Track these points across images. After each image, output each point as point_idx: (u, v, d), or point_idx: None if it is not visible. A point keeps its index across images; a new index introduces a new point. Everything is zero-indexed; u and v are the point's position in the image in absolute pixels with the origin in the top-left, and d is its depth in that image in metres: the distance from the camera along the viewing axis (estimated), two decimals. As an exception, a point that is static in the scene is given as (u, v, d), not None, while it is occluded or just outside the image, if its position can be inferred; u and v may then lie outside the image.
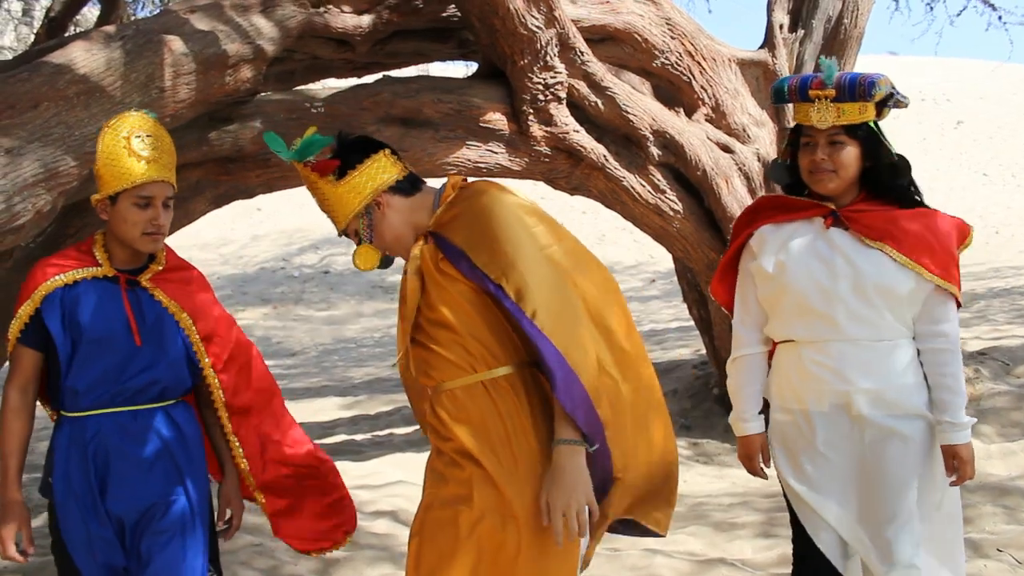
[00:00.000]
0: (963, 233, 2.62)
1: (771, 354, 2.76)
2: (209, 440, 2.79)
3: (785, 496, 2.70)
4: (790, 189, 2.74)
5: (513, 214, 2.22)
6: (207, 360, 2.67)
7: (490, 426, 2.20)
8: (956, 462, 2.53)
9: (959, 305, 2.58)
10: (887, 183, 2.59)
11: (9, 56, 9.32)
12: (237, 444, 2.74)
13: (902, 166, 2.60)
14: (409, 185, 2.34)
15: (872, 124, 2.58)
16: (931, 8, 10.14)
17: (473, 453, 2.20)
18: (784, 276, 2.59)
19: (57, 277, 2.52)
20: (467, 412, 2.22)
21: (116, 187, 2.52)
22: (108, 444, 2.52)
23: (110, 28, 4.16)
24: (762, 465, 2.74)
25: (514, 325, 2.20)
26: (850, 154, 2.56)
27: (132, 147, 2.51)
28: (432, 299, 2.24)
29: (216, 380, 2.68)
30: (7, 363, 2.66)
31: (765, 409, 2.75)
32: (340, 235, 2.37)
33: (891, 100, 2.62)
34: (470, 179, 2.40)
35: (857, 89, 2.51)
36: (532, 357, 2.23)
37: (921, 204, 2.62)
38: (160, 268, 2.64)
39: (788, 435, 2.64)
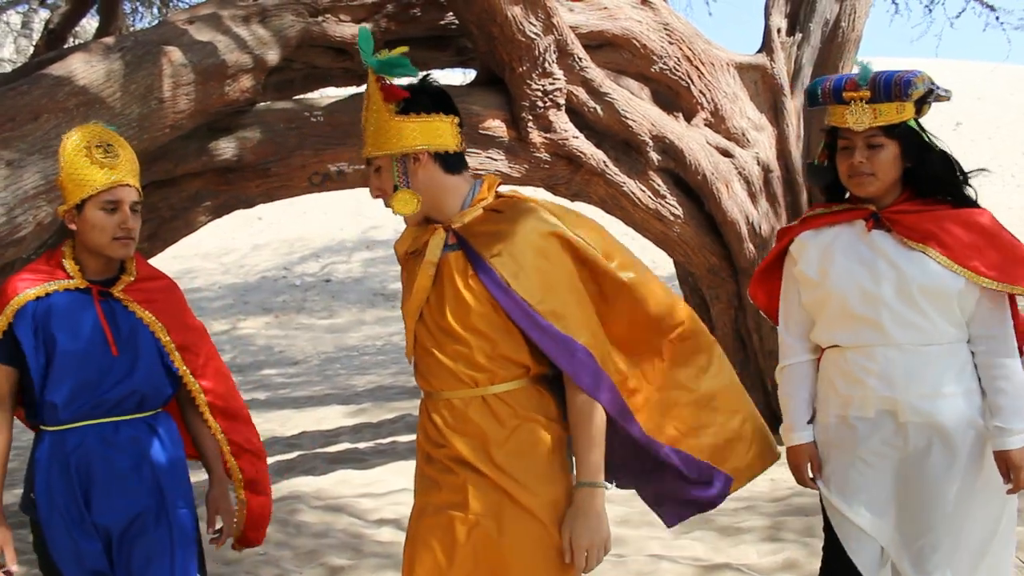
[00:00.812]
0: None
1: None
2: (195, 446, 2.78)
3: (821, 502, 2.65)
4: (829, 191, 2.65)
5: (551, 244, 2.21)
6: (184, 368, 2.66)
7: (491, 435, 2.18)
8: (1009, 469, 2.41)
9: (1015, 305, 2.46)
10: (931, 182, 2.48)
11: (8, 68, 9.34)
12: (227, 447, 2.74)
13: (946, 164, 2.49)
14: (455, 163, 2.24)
15: (912, 122, 2.47)
16: (930, 10, 10.14)
17: (470, 460, 2.17)
18: (826, 281, 2.52)
19: (28, 291, 2.51)
20: (465, 422, 2.20)
21: (81, 195, 2.51)
22: (90, 456, 2.51)
23: (109, 40, 4.17)
24: (812, 475, 2.64)
25: (546, 352, 2.18)
26: (889, 155, 2.46)
27: (93, 155, 2.51)
28: (444, 305, 2.20)
29: (197, 385, 2.68)
30: None
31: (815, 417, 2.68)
32: (363, 158, 2.28)
33: (931, 96, 2.52)
34: (505, 189, 2.35)
35: (893, 89, 2.41)
36: (539, 373, 2.23)
37: (973, 202, 2.52)
38: (132, 279, 2.62)
39: (831, 441, 2.58)
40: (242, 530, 2.80)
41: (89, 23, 9.42)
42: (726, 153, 5.68)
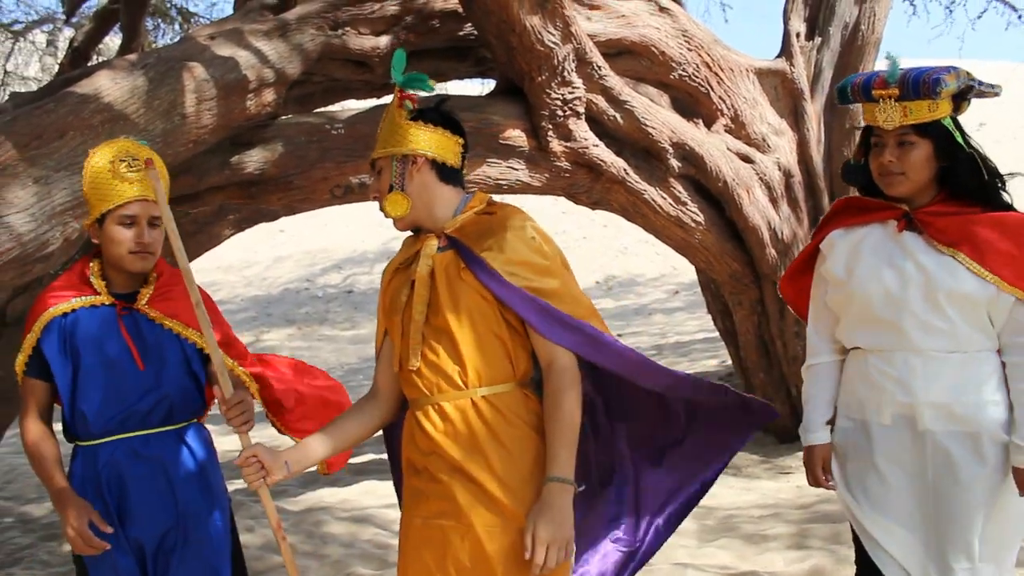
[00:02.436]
0: None
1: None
2: None
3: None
4: (865, 191, 2.60)
5: (541, 243, 2.31)
6: (235, 364, 2.69)
7: (480, 439, 2.20)
8: None
9: None
10: (965, 183, 2.41)
11: (34, 87, 9.46)
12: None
13: (981, 164, 2.41)
14: (451, 175, 2.34)
15: (947, 120, 2.41)
16: (951, 11, 10.08)
17: (461, 465, 2.19)
18: (852, 281, 2.48)
19: (53, 308, 2.55)
20: (454, 425, 2.22)
21: (101, 209, 2.55)
22: (122, 470, 2.54)
23: (132, 57, 4.22)
24: (825, 477, 2.62)
25: (524, 339, 2.26)
26: (920, 155, 2.40)
27: (117, 169, 2.54)
28: (440, 305, 2.25)
29: (248, 376, 2.72)
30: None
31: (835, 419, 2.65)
32: (370, 162, 2.39)
33: (971, 92, 2.46)
34: (497, 199, 2.43)
35: (922, 87, 2.35)
36: (526, 377, 2.28)
37: (1009, 206, 2.43)
38: (152, 290, 2.64)
39: (848, 446, 2.55)
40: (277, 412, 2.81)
41: (112, 40, 9.52)
42: (746, 159, 5.67)
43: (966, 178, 2.42)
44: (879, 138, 2.46)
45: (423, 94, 2.38)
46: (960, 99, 2.45)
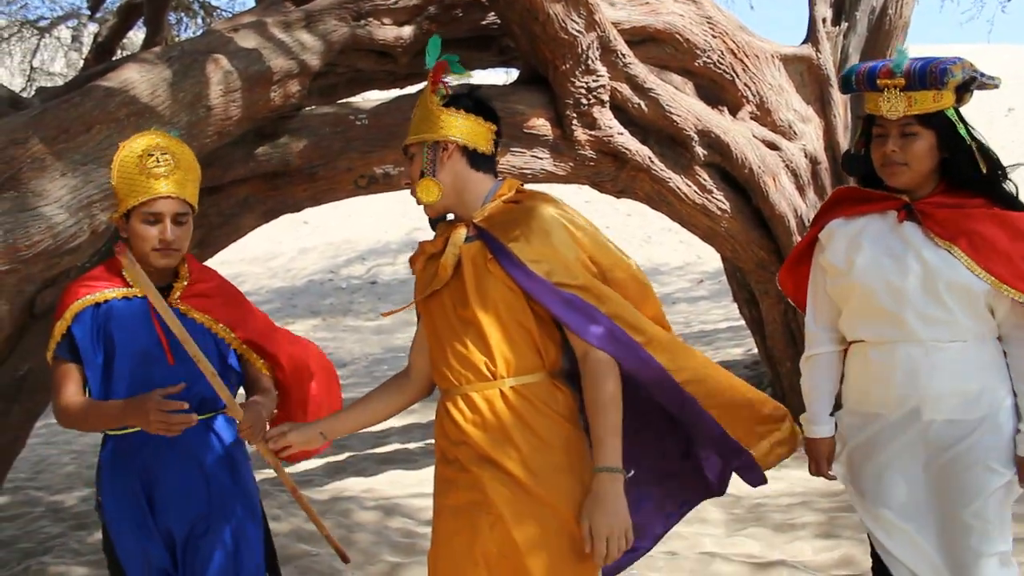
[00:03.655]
0: None
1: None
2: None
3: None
4: (866, 181, 2.58)
5: (568, 232, 2.28)
6: (260, 362, 2.71)
7: (510, 428, 2.19)
8: None
9: None
10: (966, 174, 2.40)
11: (60, 82, 9.54)
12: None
13: (983, 156, 2.40)
14: (482, 162, 2.32)
15: (951, 111, 2.40)
16: (979, -6, 9.92)
17: (491, 455, 2.18)
18: (852, 272, 2.47)
19: (87, 297, 2.56)
20: (484, 416, 2.21)
21: (127, 204, 2.55)
22: (152, 459, 2.55)
23: (157, 50, 4.25)
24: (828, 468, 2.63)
25: (553, 330, 2.23)
26: (923, 145, 2.39)
27: (145, 164, 2.53)
28: (466, 295, 2.24)
29: (271, 374, 2.73)
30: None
31: (837, 410, 2.64)
32: (403, 149, 2.39)
33: (973, 84, 2.44)
34: (527, 187, 2.41)
35: (928, 77, 2.34)
36: (555, 368, 2.26)
37: (1012, 197, 2.43)
38: (185, 283, 2.65)
39: (853, 440, 2.54)
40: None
41: (136, 35, 9.59)
42: (773, 146, 5.62)
43: (967, 170, 2.41)
44: (882, 128, 2.45)
45: (455, 80, 2.36)
46: (963, 90, 2.44)
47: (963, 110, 2.49)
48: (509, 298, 2.22)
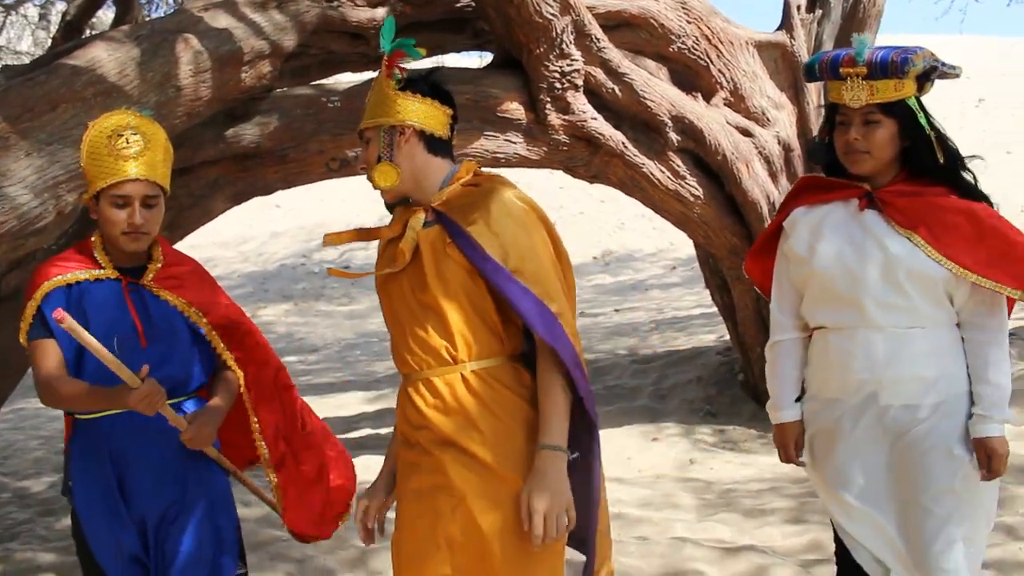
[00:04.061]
0: None
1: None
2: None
3: None
4: (830, 169, 2.63)
5: (527, 215, 2.26)
6: (226, 351, 2.67)
7: (472, 412, 2.19)
8: (988, 456, 2.40)
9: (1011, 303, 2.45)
10: (925, 163, 2.46)
11: (27, 60, 9.37)
12: (258, 428, 2.74)
13: (942, 147, 2.45)
14: (439, 146, 2.32)
15: (912, 100, 2.45)
16: (952, -16, 10.00)
17: (454, 438, 2.18)
18: (813, 259, 2.51)
19: (58, 277, 2.51)
20: (444, 400, 2.21)
21: (96, 187, 2.50)
22: (124, 444, 2.51)
23: (126, 28, 4.18)
24: (796, 454, 2.65)
25: (513, 314, 2.20)
26: (885, 133, 2.44)
27: (114, 145, 2.48)
28: (427, 280, 2.23)
29: (235, 365, 2.68)
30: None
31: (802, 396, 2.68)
32: (357, 133, 2.36)
33: (935, 73, 2.49)
34: (484, 170, 2.40)
35: (890, 66, 2.38)
36: (515, 351, 2.25)
37: (975, 190, 2.48)
38: (159, 266, 2.61)
39: (815, 426, 2.59)
40: (284, 512, 2.80)
41: (105, 14, 9.43)
42: (746, 132, 5.63)
43: (927, 158, 2.46)
44: (844, 116, 2.50)
45: (413, 64, 2.34)
46: (924, 80, 2.49)
47: (935, 100, 2.52)
48: (468, 283, 2.21)
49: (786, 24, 6.18)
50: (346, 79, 5.25)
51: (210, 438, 2.55)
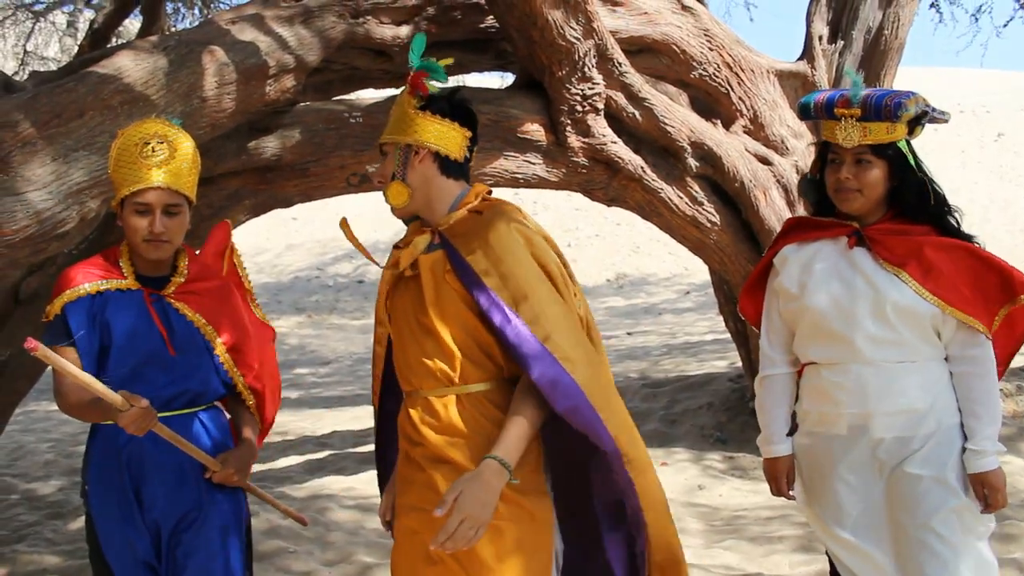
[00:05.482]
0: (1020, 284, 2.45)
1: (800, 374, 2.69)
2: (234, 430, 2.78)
3: None
4: (818, 206, 2.68)
5: (523, 249, 2.24)
6: (239, 375, 2.68)
7: (465, 432, 2.20)
8: (985, 490, 2.42)
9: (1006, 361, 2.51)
10: (912, 204, 2.51)
11: (54, 67, 9.48)
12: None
13: (930, 189, 2.51)
14: (453, 168, 2.33)
15: (903, 143, 2.51)
16: (976, 19, 10.02)
17: (447, 455, 2.19)
18: (804, 296, 2.55)
19: (83, 285, 2.53)
20: (439, 419, 2.22)
21: (121, 194, 2.53)
22: (142, 451, 2.53)
23: (153, 38, 4.22)
24: (788, 488, 2.67)
25: (508, 345, 2.17)
26: (876, 174, 2.50)
27: (140, 153, 2.50)
28: (426, 304, 2.25)
29: (247, 390, 2.71)
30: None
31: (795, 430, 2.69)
32: (377, 146, 2.39)
33: (925, 118, 2.55)
34: (493, 193, 2.41)
35: (883, 110, 2.44)
36: (513, 375, 2.23)
37: (962, 233, 2.53)
38: (182, 280, 2.63)
39: (807, 461, 2.61)
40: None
41: (132, 23, 9.55)
42: (764, 160, 5.64)
43: (914, 200, 2.51)
44: (836, 155, 2.54)
45: (438, 84, 2.35)
46: (915, 124, 2.54)
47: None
48: (464, 311, 2.23)
49: (808, 54, 6.20)
50: (368, 95, 5.29)
51: (240, 481, 2.60)
